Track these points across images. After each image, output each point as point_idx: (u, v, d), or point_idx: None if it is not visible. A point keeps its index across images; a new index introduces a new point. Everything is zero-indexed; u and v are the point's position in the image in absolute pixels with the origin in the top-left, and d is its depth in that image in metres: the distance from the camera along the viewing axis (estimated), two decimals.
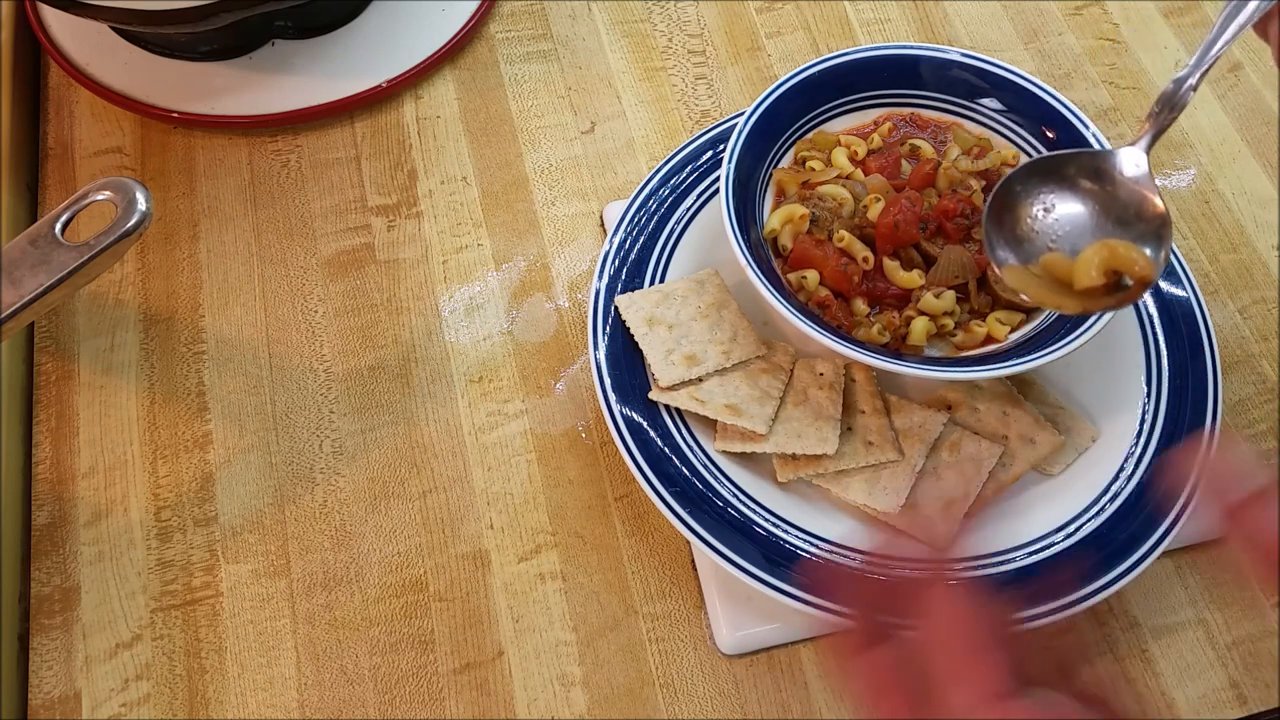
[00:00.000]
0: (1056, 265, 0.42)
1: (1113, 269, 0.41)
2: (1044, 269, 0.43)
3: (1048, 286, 0.42)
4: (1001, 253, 0.43)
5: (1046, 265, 0.43)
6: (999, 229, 0.44)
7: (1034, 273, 0.43)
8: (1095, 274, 0.41)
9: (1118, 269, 0.41)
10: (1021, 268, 0.43)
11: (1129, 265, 0.41)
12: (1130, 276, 0.41)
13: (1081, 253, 0.42)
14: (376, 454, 0.51)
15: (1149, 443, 0.49)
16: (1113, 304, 0.42)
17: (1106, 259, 0.41)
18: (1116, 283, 0.41)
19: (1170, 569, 0.49)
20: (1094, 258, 0.41)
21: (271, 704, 0.46)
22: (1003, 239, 0.43)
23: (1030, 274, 0.42)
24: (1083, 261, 0.41)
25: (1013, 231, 0.43)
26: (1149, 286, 0.41)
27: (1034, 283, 0.42)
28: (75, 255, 0.42)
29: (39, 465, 0.50)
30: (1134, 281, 0.41)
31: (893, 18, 0.66)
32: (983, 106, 0.53)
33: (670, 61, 0.64)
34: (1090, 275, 0.41)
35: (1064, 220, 0.43)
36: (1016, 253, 0.43)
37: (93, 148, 0.60)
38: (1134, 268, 0.41)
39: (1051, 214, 0.43)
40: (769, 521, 0.46)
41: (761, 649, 0.47)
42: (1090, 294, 0.41)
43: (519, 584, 0.48)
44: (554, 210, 0.58)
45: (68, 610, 0.47)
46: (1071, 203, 0.43)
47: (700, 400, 0.48)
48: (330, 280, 0.56)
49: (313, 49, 0.62)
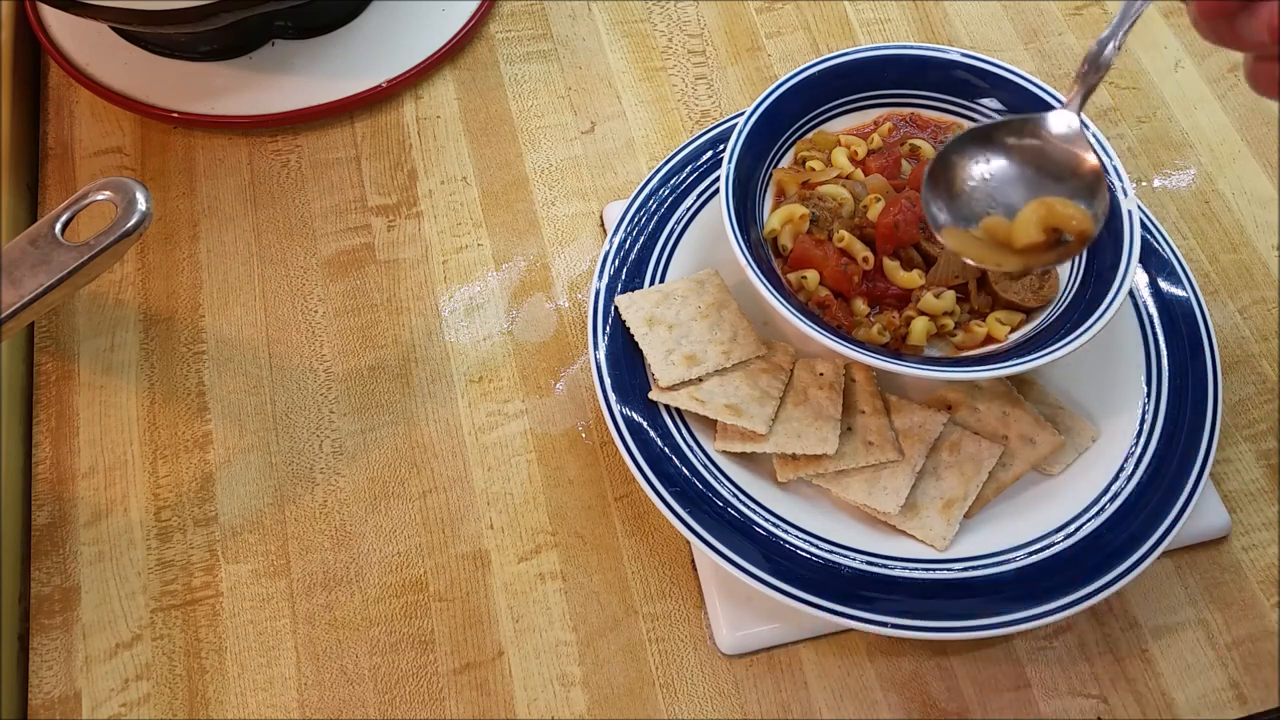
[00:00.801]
0: (997, 228, 0.44)
1: (1051, 226, 0.43)
2: (985, 232, 0.44)
3: (988, 247, 0.44)
4: (941, 216, 0.45)
5: (987, 228, 0.44)
6: (937, 195, 0.45)
7: (974, 235, 0.44)
8: (1035, 231, 0.42)
9: (1056, 226, 0.43)
10: (961, 230, 0.44)
11: (1066, 221, 0.42)
12: (1069, 232, 0.42)
13: (1020, 212, 0.43)
14: (376, 454, 0.51)
15: (1149, 443, 0.49)
16: (1053, 259, 0.43)
17: (1045, 216, 0.43)
18: (1056, 240, 0.43)
19: (1170, 569, 0.49)
20: (1033, 216, 0.43)
21: (271, 704, 0.46)
22: (942, 204, 0.45)
23: (970, 236, 0.44)
24: (1022, 220, 0.43)
25: (952, 198, 0.45)
26: (1088, 241, 0.42)
27: (974, 244, 0.44)
28: (75, 255, 0.42)
29: (39, 465, 0.51)
30: (1073, 236, 0.42)
31: (893, 18, 0.66)
32: (983, 106, 0.53)
33: (670, 61, 0.64)
34: (1030, 233, 0.43)
35: (1001, 184, 0.45)
36: (956, 218, 0.45)
37: (93, 148, 0.60)
38: (1071, 223, 0.42)
39: (988, 179, 0.45)
40: (769, 521, 0.46)
41: (761, 649, 0.47)
42: (1031, 251, 0.43)
43: (519, 584, 0.48)
44: (554, 210, 0.58)
45: (68, 610, 0.47)
46: (1007, 167, 0.45)
47: (700, 400, 0.48)
48: (330, 280, 0.56)
49: (313, 49, 0.62)
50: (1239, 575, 0.49)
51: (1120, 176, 0.49)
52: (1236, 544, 0.50)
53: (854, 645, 0.47)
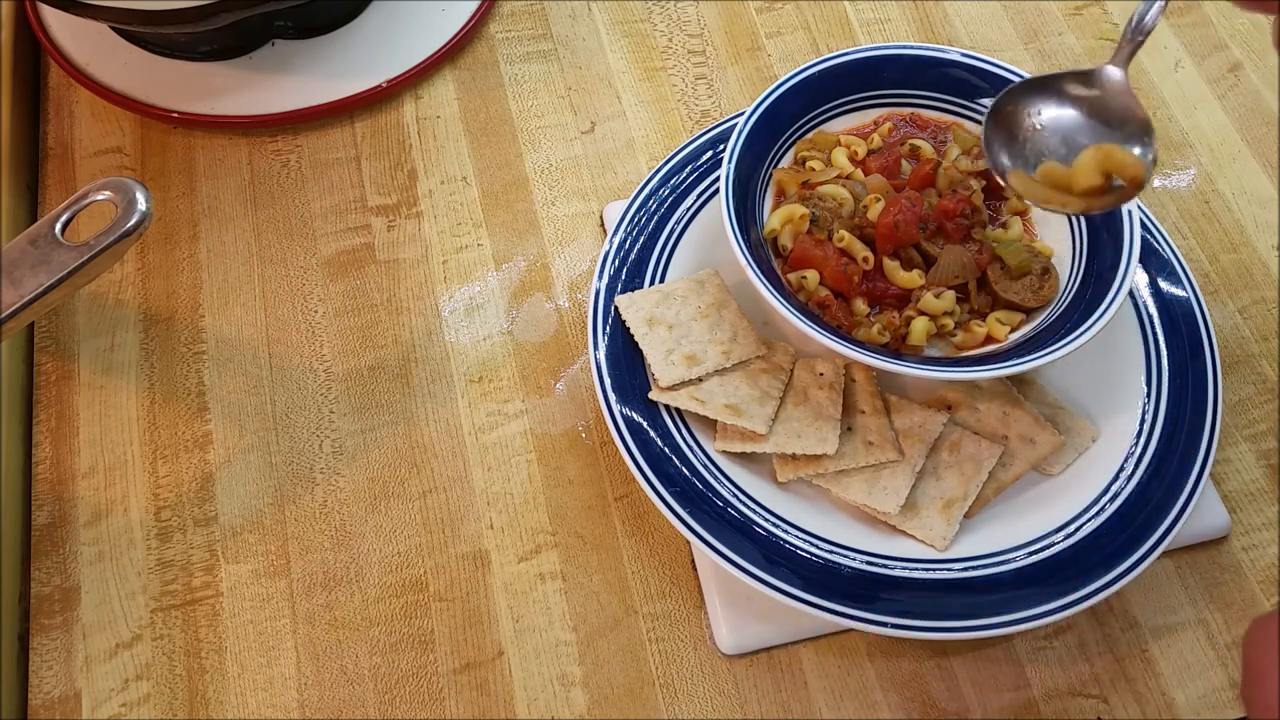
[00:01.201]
0: (1053, 173, 0.46)
1: (1107, 171, 0.45)
2: (1041, 177, 0.46)
3: (1050, 190, 0.46)
4: (1004, 160, 0.47)
5: (1044, 174, 0.46)
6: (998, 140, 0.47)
7: (1036, 179, 0.46)
8: (1094, 175, 0.45)
9: (1111, 171, 0.45)
10: (1024, 173, 0.46)
11: (1123, 167, 0.44)
12: (1123, 177, 0.44)
13: (1079, 156, 0.45)
14: (376, 454, 0.51)
15: (1149, 443, 0.49)
16: (1111, 201, 0.45)
17: (1103, 161, 0.44)
18: (1108, 186, 0.45)
19: (1170, 569, 0.49)
20: (1091, 160, 0.45)
21: (271, 704, 0.46)
22: (1003, 149, 0.47)
23: (1033, 180, 0.46)
24: (1081, 164, 0.45)
25: (1012, 143, 0.47)
26: (1142, 187, 0.44)
27: (1037, 187, 0.46)
28: (75, 255, 0.42)
29: (39, 465, 0.51)
30: (1126, 182, 0.44)
31: (893, 18, 0.66)
32: (983, 106, 0.53)
33: (670, 61, 0.64)
34: (1090, 176, 0.45)
35: (1056, 131, 0.47)
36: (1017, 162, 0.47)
37: (93, 148, 0.60)
38: (1127, 169, 0.44)
39: (1044, 127, 0.47)
40: (769, 521, 0.46)
41: (761, 649, 0.47)
42: (1090, 194, 0.45)
43: (519, 584, 0.48)
44: (554, 210, 0.58)
45: (68, 610, 0.47)
46: (1062, 115, 0.47)
47: (700, 400, 0.48)
48: (330, 280, 0.56)
49: (313, 49, 0.62)
50: (1239, 575, 0.49)
51: None
52: (1236, 544, 0.50)
53: (854, 645, 0.47)
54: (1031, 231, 0.52)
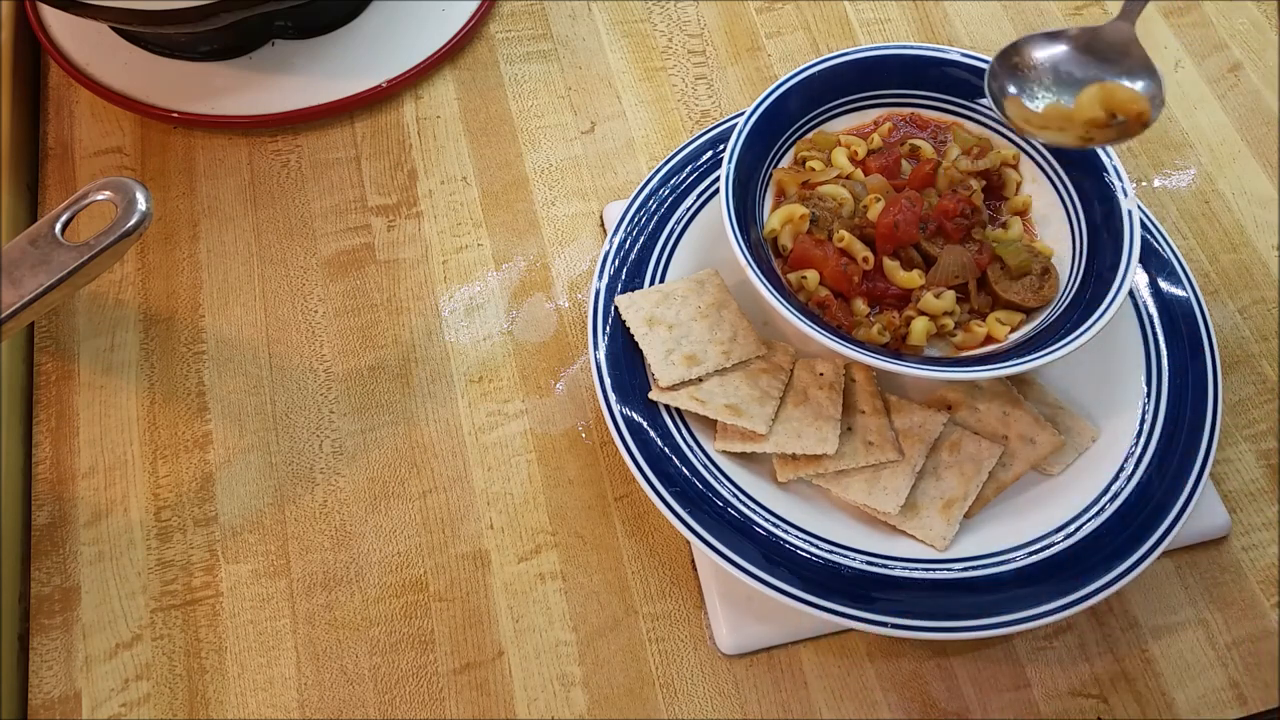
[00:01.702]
0: (1054, 113, 0.47)
1: (1109, 108, 0.46)
2: (1043, 117, 0.47)
3: (1049, 120, 0.47)
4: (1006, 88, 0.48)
5: (1048, 113, 0.47)
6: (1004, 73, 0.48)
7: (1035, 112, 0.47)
8: (1095, 108, 0.46)
9: (1114, 109, 0.46)
10: (1021, 102, 0.47)
11: (1125, 103, 0.46)
12: (1125, 114, 0.46)
13: (1082, 93, 0.47)
14: (376, 454, 0.51)
15: (1149, 443, 0.49)
16: (1112, 135, 0.46)
17: (1105, 98, 0.46)
18: (1110, 121, 0.46)
19: (1170, 569, 0.49)
20: (1094, 96, 0.46)
21: (271, 704, 0.46)
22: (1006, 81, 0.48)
23: (1031, 110, 0.47)
24: (1084, 100, 0.46)
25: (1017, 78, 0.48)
26: (1145, 124, 0.45)
27: (1035, 117, 0.47)
28: (75, 255, 0.42)
29: (39, 465, 0.51)
30: (1129, 118, 0.46)
31: (893, 18, 0.66)
32: (983, 106, 0.53)
33: (670, 61, 0.64)
34: (1091, 108, 0.46)
35: (1060, 75, 0.48)
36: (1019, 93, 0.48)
37: (93, 148, 0.60)
38: (1130, 105, 0.45)
39: (1048, 72, 0.48)
40: (769, 521, 0.46)
41: (761, 649, 0.47)
42: (1092, 125, 0.46)
43: (519, 584, 0.48)
44: (554, 210, 0.58)
45: (68, 610, 0.47)
46: (1067, 62, 0.48)
47: (700, 400, 0.48)
48: (330, 280, 0.56)
49: (313, 49, 0.62)
50: (1239, 575, 0.49)
51: (1120, 177, 0.49)
52: (1236, 544, 0.50)
53: (854, 645, 0.47)
54: (1031, 231, 0.52)
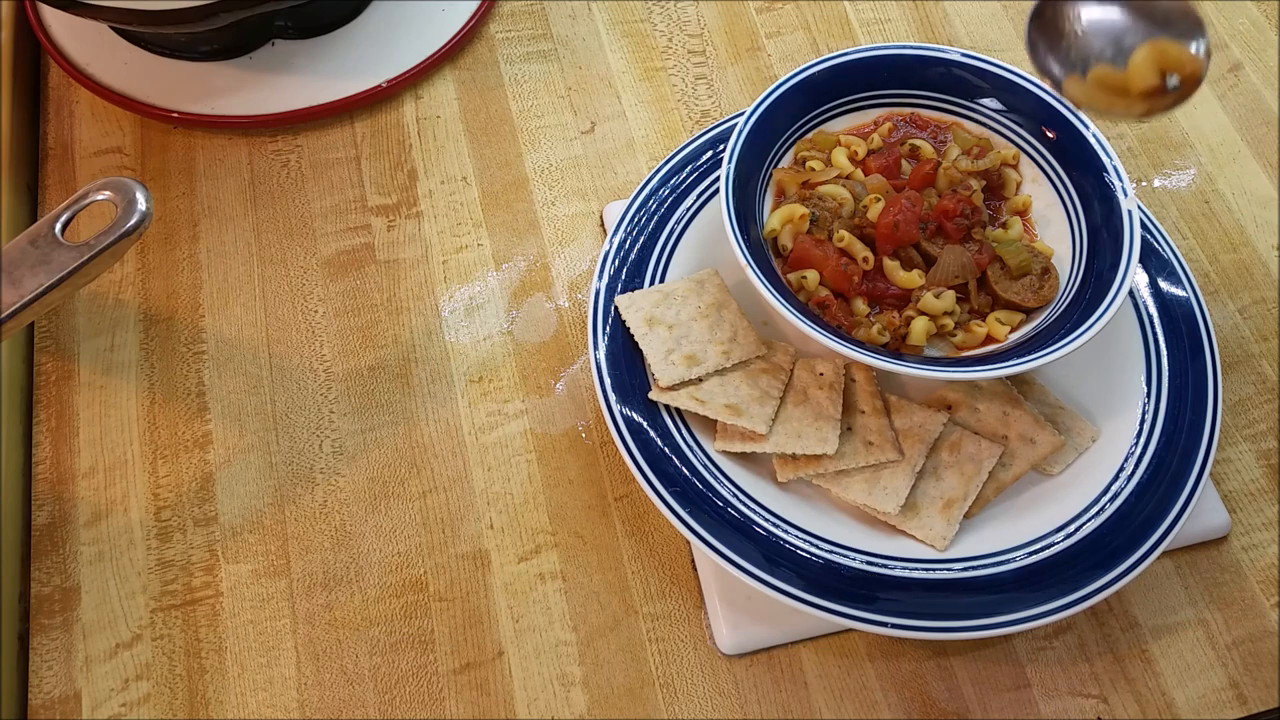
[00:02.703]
0: (1107, 77, 0.44)
1: (1162, 69, 0.43)
2: (1094, 82, 0.44)
3: (1109, 94, 0.44)
4: (1056, 68, 0.45)
5: (1096, 79, 0.44)
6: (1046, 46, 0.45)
7: (1089, 85, 0.44)
8: (1150, 74, 0.43)
9: (1167, 68, 0.43)
10: (1079, 79, 0.44)
11: (1180, 63, 0.43)
12: (1180, 74, 0.43)
13: (1132, 57, 0.43)
14: (376, 454, 0.51)
15: (1149, 443, 0.49)
16: (1171, 102, 0.43)
17: (1158, 59, 0.43)
18: (1163, 86, 0.43)
19: (1170, 569, 0.49)
20: (1146, 59, 0.43)
21: (271, 704, 0.46)
22: (1051, 56, 0.45)
23: (1089, 85, 0.44)
24: (1136, 65, 0.43)
25: (1059, 49, 0.45)
26: (1198, 83, 0.42)
27: (1095, 92, 0.44)
28: (75, 255, 0.42)
29: (39, 465, 0.51)
30: (1183, 79, 0.43)
31: (893, 18, 0.66)
32: (983, 106, 0.53)
33: (670, 61, 0.64)
34: (1146, 76, 0.43)
35: (1103, 33, 0.45)
36: (1068, 68, 0.45)
37: (93, 148, 0.60)
38: (1185, 65, 0.42)
39: (1090, 30, 0.45)
40: (769, 521, 0.46)
41: (761, 649, 0.47)
42: (1148, 96, 0.43)
43: (519, 584, 0.48)
44: (554, 210, 0.58)
45: (68, 610, 0.47)
46: (1107, 16, 0.45)
47: (700, 400, 0.48)
48: (330, 280, 0.56)
49: (313, 49, 0.62)
50: (1239, 575, 0.49)
51: (1120, 176, 0.49)
52: (1236, 544, 0.50)
53: (854, 645, 0.47)
54: (1031, 231, 0.52)
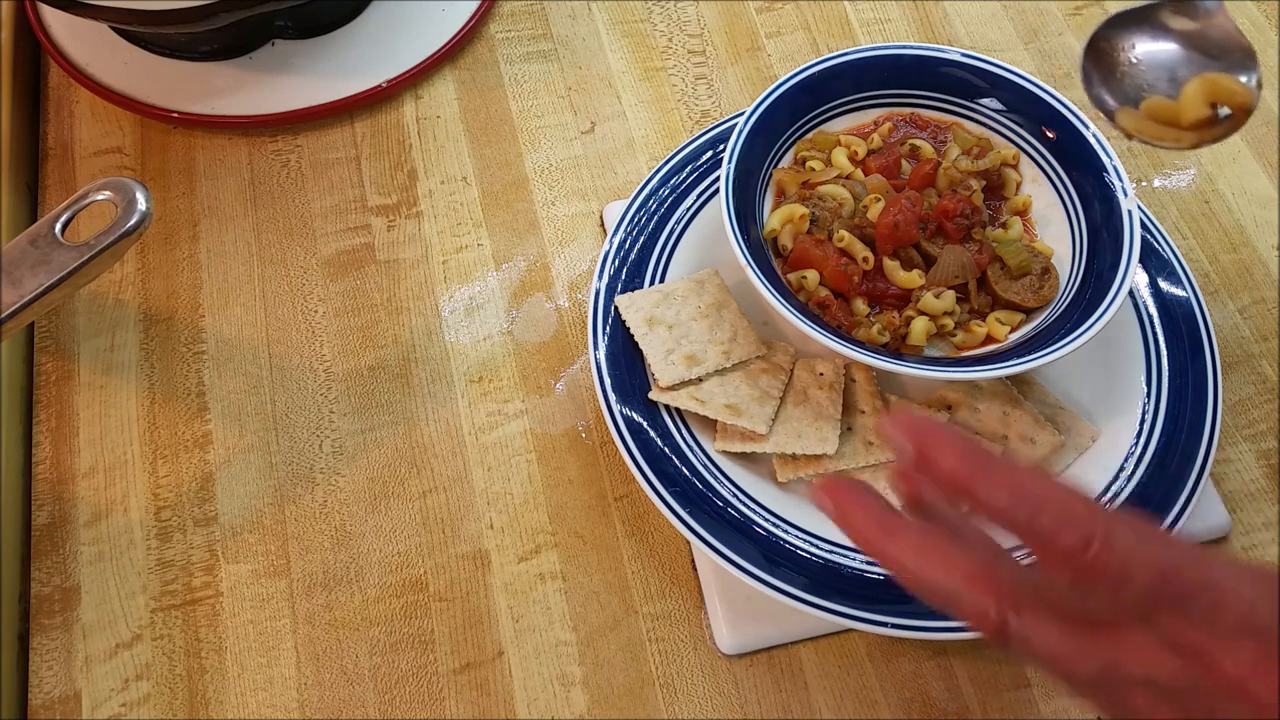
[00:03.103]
0: (1159, 108, 0.45)
1: (1213, 101, 0.43)
2: (1147, 113, 0.45)
3: (1161, 125, 0.45)
4: (1109, 100, 0.46)
5: (1149, 109, 0.45)
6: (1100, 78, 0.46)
7: (1142, 115, 0.45)
8: (1201, 106, 0.43)
9: (1218, 100, 0.43)
10: (1132, 111, 0.45)
11: (1231, 95, 0.43)
12: (1231, 105, 0.43)
13: (1185, 89, 0.44)
14: (376, 454, 0.51)
15: (1149, 443, 0.49)
16: (1222, 133, 0.44)
17: (1209, 91, 0.43)
18: (1214, 116, 0.44)
19: None
20: (1197, 91, 0.43)
21: (271, 704, 0.46)
22: (1104, 88, 0.46)
23: (1142, 117, 0.45)
24: (1188, 97, 0.44)
25: (1112, 80, 0.46)
26: (1249, 114, 0.43)
27: (1147, 124, 0.45)
28: (75, 255, 0.42)
29: (39, 465, 0.51)
30: (1234, 109, 0.43)
31: (893, 18, 0.66)
32: (983, 106, 0.53)
33: (670, 61, 0.64)
34: (1197, 108, 0.43)
35: (1156, 65, 0.45)
36: (1122, 100, 0.46)
37: (93, 148, 0.60)
38: (1235, 97, 0.43)
39: (1143, 61, 0.46)
40: (769, 521, 0.46)
41: (761, 649, 0.47)
42: (1200, 126, 0.44)
43: (519, 584, 0.48)
44: (554, 210, 0.58)
45: (68, 610, 0.47)
46: (1161, 49, 0.46)
47: (700, 400, 0.48)
48: (330, 280, 0.56)
49: (313, 49, 0.62)
50: None
51: (1120, 177, 0.49)
52: (1236, 544, 0.50)
53: (854, 645, 0.47)
54: (1031, 231, 0.52)
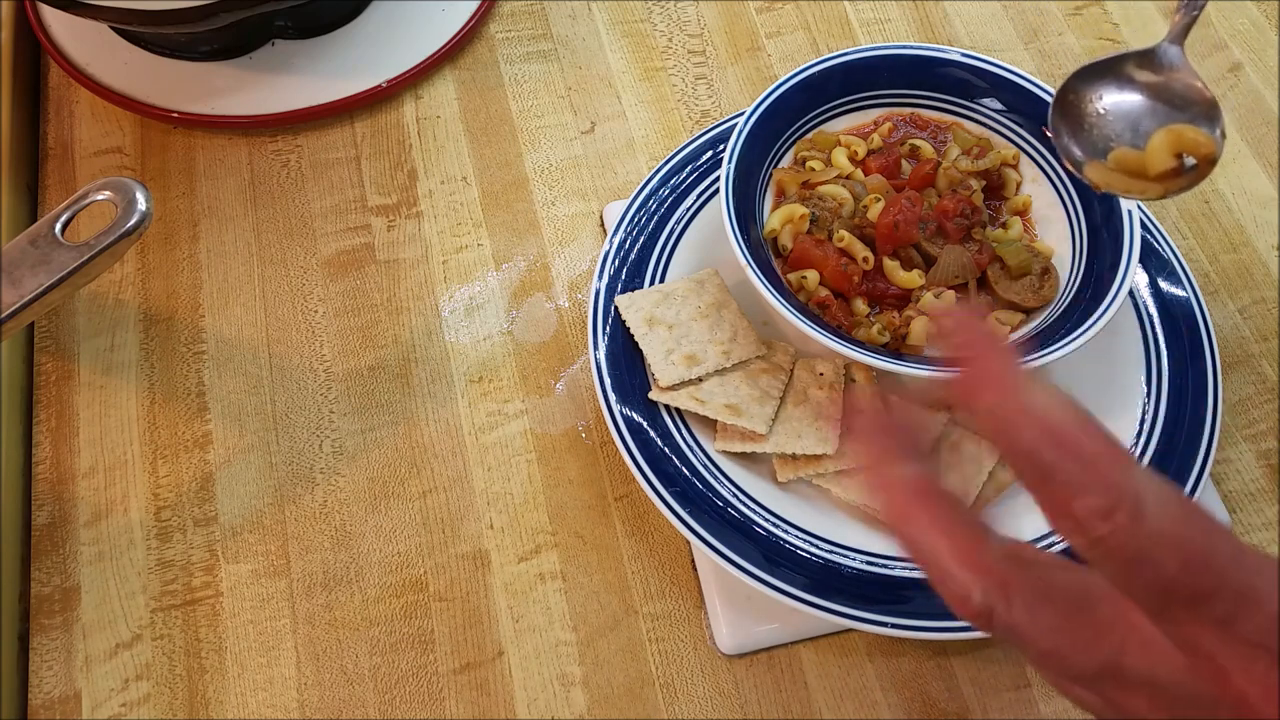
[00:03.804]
0: (1126, 159, 0.45)
1: (1179, 151, 0.44)
2: (1114, 164, 0.46)
3: (1128, 178, 0.45)
4: (1077, 152, 0.46)
5: (1116, 161, 0.45)
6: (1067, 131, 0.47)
7: (1111, 168, 0.46)
8: (1167, 158, 0.44)
9: (1184, 151, 0.44)
10: (1100, 164, 0.46)
11: (1196, 146, 0.44)
12: (1196, 156, 0.44)
13: (1150, 141, 0.45)
14: (376, 454, 0.51)
15: (1149, 443, 0.49)
16: (1187, 183, 0.44)
17: (1174, 143, 0.44)
18: (1180, 167, 0.44)
19: None
20: (1163, 143, 0.44)
21: (271, 704, 0.46)
22: (1072, 140, 0.46)
23: (1109, 169, 0.45)
24: (1154, 149, 0.44)
25: (1080, 133, 0.46)
26: (1214, 164, 0.44)
27: (1115, 177, 0.45)
28: (75, 255, 0.42)
29: (39, 465, 0.51)
30: (1199, 160, 0.44)
31: (893, 18, 0.66)
32: (983, 106, 0.53)
33: (670, 61, 0.64)
34: (1163, 160, 0.44)
35: (1123, 117, 0.46)
36: (1090, 153, 0.46)
37: (93, 148, 0.60)
38: (1200, 148, 0.44)
39: (1110, 113, 0.46)
40: (769, 521, 0.46)
41: (761, 649, 0.47)
42: (1165, 178, 0.44)
43: (519, 584, 0.48)
44: (554, 210, 0.58)
45: (68, 610, 0.47)
46: (1126, 100, 0.46)
47: (700, 400, 0.48)
48: (330, 280, 0.56)
49: (313, 49, 0.62)
50: None
51: None
52: None
53: (854, 645, 0.47)
54: (1031, 231, 0.52)
